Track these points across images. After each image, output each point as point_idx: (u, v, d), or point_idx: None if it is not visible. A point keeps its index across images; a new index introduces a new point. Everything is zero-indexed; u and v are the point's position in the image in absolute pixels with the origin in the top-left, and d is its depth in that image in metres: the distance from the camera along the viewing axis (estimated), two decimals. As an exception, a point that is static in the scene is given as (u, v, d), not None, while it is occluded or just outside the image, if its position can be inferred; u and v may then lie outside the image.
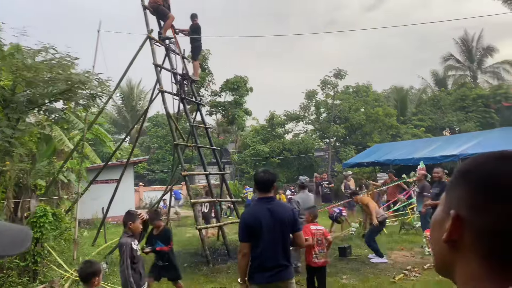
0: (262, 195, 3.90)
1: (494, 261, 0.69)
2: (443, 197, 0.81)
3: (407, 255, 9.08)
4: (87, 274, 3.47)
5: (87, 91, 8.60)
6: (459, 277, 0.75)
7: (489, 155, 0.75)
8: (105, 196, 12.98)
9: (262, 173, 3.92)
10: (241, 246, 3.85)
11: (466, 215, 0.72)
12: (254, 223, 3.74)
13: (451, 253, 0.75)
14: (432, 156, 16.25)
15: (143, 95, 38.82)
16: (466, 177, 0.75)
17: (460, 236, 0.72)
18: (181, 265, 9.03)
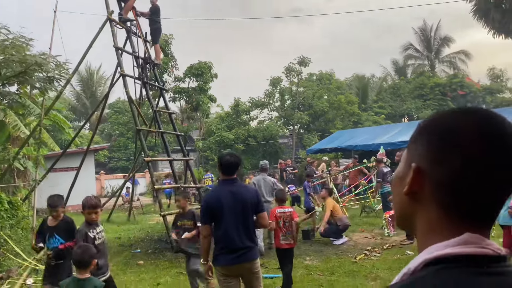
0: (225, 178, 3.90)
1: (451, 210, 0.73)
2: (404, 153, 0.84)
3: (367, 236, 9.39)
4: (90, 257, 3.46)
5: (43, 74, 8.25)
6: (419, 227, 0.78)
7: (448, 112, 0.79)
8: (64, 184, 12.59)
9: (227, 156, 3.93)
10: (201, 228, 3.89)
11: (426, 167, 0.75)
12: (216, 204, 3.75)
13: (412, 205, 0.78)
14: (391, 142, 16.77)
15: (103, 81, 37.63)
16: (426, 131, 0.78)
17: (420, 188, 0.76)
18: (145, 251, 8.97)
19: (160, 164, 29.75)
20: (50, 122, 14.49)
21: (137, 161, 13.69)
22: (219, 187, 3.98)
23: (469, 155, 0.70)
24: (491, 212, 0.74)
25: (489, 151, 0.70)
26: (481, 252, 0.69)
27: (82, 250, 3.46)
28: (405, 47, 37.39)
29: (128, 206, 15.01)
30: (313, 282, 6.14)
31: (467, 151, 0.70)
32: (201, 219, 3.88)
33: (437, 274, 0.68)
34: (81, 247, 3.56)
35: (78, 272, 3.43)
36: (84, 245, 3.68)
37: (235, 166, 3.90)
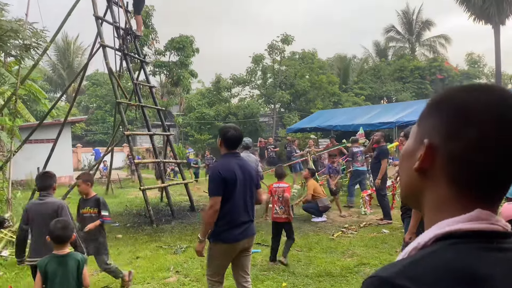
0: (230, 151, 3.73)
1: (462, 186, 0.74)
2: (414, 128, 0.84)
3: (345, 214, 9.58)
4: (69, 233, 3.35)
5: (19, 41, 7.91)
6: (427, 203, 0.79)
7: (461, 87, 0.78)
8: (40, 156, 12.34)
9: (233, 130, 3.72)
10: (212, 200, 3.52)
11: (439, 142, 0.75)
12: (230, 176, 3.53)
13: (421, 181, 0.79)
14: (371, 123, 17.03)
15: (80, 51, 36.60)
16: (439, 107, 0.78)
17: (431, 164, 0.76)
18: (124, 225, 8.94)
19: (139, 139, 29.41)
20: (26, 92, 14.03)
21: (115, 135, 13.46)
22: (226, 160, 3.69)
23: (487, 129, 0.71)
24: (502, 189, 0.75)
25: (506, 126, 0.71)
26: (491, 228, 0.71)
27: (61, 225, 3.36)
28: (387, 29, 37.50)
29: (106, 180, 14.85)
30: (292, 258, 6.25)
31: (485, 124, 0.71)
32: (212, 190, 3.54)
33: (449, 249, 0.69)
34: (60, 222, 3.43)
35: (57, 248, 3.29)
36: (62, 219, 3.56)
37: (240, 140, 3.78)
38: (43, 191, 4.12)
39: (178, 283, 5.25)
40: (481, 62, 36.99)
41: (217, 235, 3.59)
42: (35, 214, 4.02)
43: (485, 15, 23.75)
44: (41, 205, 4.05)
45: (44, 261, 3.27)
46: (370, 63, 37.51)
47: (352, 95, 29.62)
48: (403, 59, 32.34)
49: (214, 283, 3.69)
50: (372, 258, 6.11)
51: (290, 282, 5.18)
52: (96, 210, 4.90)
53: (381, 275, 0.68)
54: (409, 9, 36.32)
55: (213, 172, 3.63)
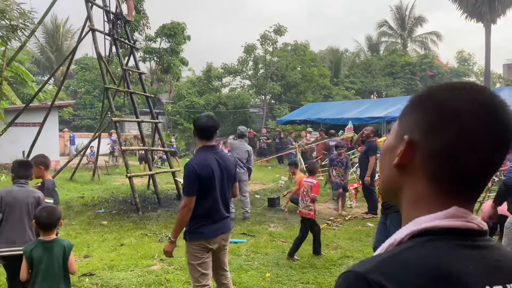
0: (206, 144, 3.50)
1: (440, 182, 0.74)
2: (395, 125, 0.84)
3: (330, 207, 9.66)
4: (56, 220, 3.29)
5: (6, 22, 7.76)
6: (406, 198, 0.79)
7: (442, 85, 0.79)
8: (26, 139, 12.17)
9: (205, 118, 3.53)
10: (187, 200, 3.35)
11: (419, 138, 0.75)
12: (206, 172, 3.34)
13: (400, 177, 0.79)
14: (360, 117, 17.12)
15: (70, 34, 35.92)
16: (421, 104, 0.78)
17: (410, 160, 0.76)
18: (109, 212, 8.89)
19: (127, 125, 29.18)
20: (12, 74, 13.81)
21: (103, 120, 13.32)
22: (203, 154, 3.47)
23: (466, 126, 0.71)
24: (479, 187, 0.76)
25: (485, 123, 0.71)
26: (466, 226, 0.72)
27: (48, 212, 3.34)
28: (380, 24, 37.51)
29: (93, 166, 14.73)
30: (277, 249, 6.30)
31: (466, 122, 0.71)
32: (187, 188, 3.36)
33: (424, 245, 0.69)
34: (46, 208, 3.41)
35: (43, 234, 3.27)
36: (50, 206, 3.53)
37: (214, 130, 3.51)
38: (23, 179, 3.98)
39: (162, 271, 5.25)
40: (471, 60, 37.32)
41: (194, 232, 3.41)
42: (14, 201, 3.85)
43: (477, 13, 23.90)
44: (22, 192, 3.90)
45: (30, 247, 3.25)
46: (362, 57, 37.56)
47: (343, 89, 29.68)
48: (394, 55, 32.45)
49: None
50: (356, 251, 6.18)
51: (274, 273, 5.21)
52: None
53: (356, 270, 0.68)
54: (402, 4, 36.37)
55: (188, 168, 3.37)
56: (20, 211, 3.84)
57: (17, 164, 4.09)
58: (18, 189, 3.93)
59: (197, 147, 3.60)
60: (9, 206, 3.84)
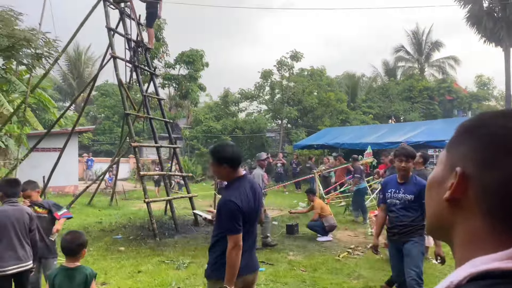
0: (237, 174, 3.19)
1: (499, 220, 0.67)
2: (443, 155, 0.78)
3: (351, 234, 9.42)
4: (78, 246, 3.23)
5: (32, 50, 7.98)
6: (458, 236, 0.72)
7: (494, 113, 0.73)
8: (46, 164, 12.33)
9: (229, 147, 3.22)
10: (234, 239, 2.95)
11: (472, 171, 0.69)
12: (248, 205, 3.05)
13: (451, 212, 0.72)
14: (378, 142, 16.91)
15: (91, 62, 36.94)
16: (472, 133, 0.72)
17: (463, 193, 0.70)
18: (127, 237, 8.84)
19: (145, 150, 29.46)
20: (35, 101, 14.16)
21: (122, 146, 13.46)
22: (239, 186, 3.14)
23: None
24: None
25: None
26: None
27: (72, 236, 3.30)
28: (397, 49, 37.55)
29: (111, 191, 14.81)
30: (296, 278, 6.11)
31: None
32: (231, 227, 2.97)
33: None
34: (71, 232, 3.39)
35: (66, 260, 3.23)
36: (74, 231, 3.51)
37: (242, 157, 3.32)
38: (12, 197, 4.03)
39: (179, 300, 5.12)
40: (490, 84, 36.84)
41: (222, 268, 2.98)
42: (6, 220, 3.85)
43: (495, 37, 23.73)
44: (15, 210, 3.94)
45: (53, 273, 3.25)
46: (379, 82, 37.49)
47: (360, 113, 29.54)
48: (412, 79, 32.25)
49: None
50: (379, 281, 5.95)
51: (294, 304, 5.04)
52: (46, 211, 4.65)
53: None
54: (419, 29, 36.43)
55: (228, 205, 3.00)
56: (15, 229, 3.88)
57: (5, 183, 4.16)
58: (11, 208, 3.95)
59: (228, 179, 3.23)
60: (4, 225, 3.85)
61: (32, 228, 4.03)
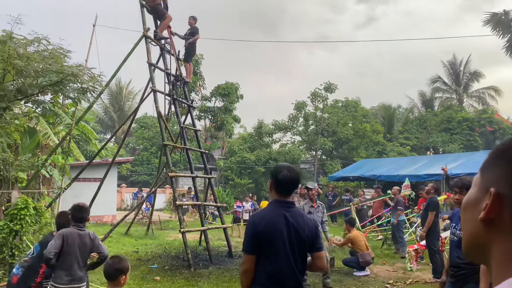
0: (280, 198, 2.96)
1: None
2: (477, 178, 0.80)
3: (389, 269, 9.09)
4: (115, 270, 3.24)
5: (78, 84, 8.44)
6: (496, 257, 0.73)
7: None
8: (86, 194, 12.73)
9: (286, 170, 2.93)
10: (244, 258, 2.88)
11: (506, 192, 0.71)
12: (268, 230, 2.80)
13: (486, 232, 0.74)
14: (417, 174, 16.47)
15: (131, 96, 38.56)
16: (506, 156, 0.75)
17: (498, 214, 0.72)
18: (162, 267, 8.91)
19: (181, 181, 29.91)
20: (78, 132, 14.82)
21: (159, 176, 13.77)
22: (271, 209, 2.97)
23: None
24: None
25: None
26: None
27: (112, 261, 3.33)
28: (433, 79, 37.03)
29: (147, 221, 15.04)
30: (333, 313, 5.93)
31: None
32: (245, 245, 2.87)
33: None
34: (112, 258, 3.41)
35: (108, 285, 3.30)
36: (116, 256, 3.54)
37: (295, 185, 2.99)
38: (80, 222, 4.30)
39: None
40: (534, 115, 35.40)
41: None
42: (74, 242, 4.17)
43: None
44: (79, 234, 4.24)
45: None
46: (416, 113, 36.86)
47: (397, 145, 29.00)
48: (450, 110, 31.51)
49: None
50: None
51: None
52: None
53: None
54: (456, 60, 35.88)
55: (249, 222, 2.96)
56: (75, 252, 4.17)
57: (75, 209, 4.40)
58: (77, 232, 4.24)
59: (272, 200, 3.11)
60: (70, 245, 4.14)
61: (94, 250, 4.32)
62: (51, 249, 4.04)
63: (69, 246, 4.13)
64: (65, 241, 4.14)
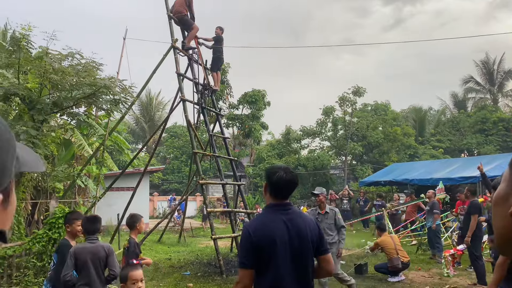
0: (276, 201, 2.70)
1: None
2: (506, 173, 0.80)
3: (424, 275, 8.85)
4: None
5: (110, 96, 8.73)
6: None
7: None
8: (120, 203, 13.03)
9: (282, 171, 2.69)
10: (240, 272, 2.57)
11: None
12: (265, 239, 2.53)
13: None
14: (451, 177, 16.02)
15: (161, 106, 39.33)
16: None
17: None
18: (195, 274, 9.00)
19: (211, 188, 30.21)
20: (111, 143, 15.25)
21: (190, 184, 13.96)
22: (266, 215, 2.71)
23: None
24: None
25: None
26: None
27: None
28: (465, 80, 36.04)
29: (179, 228, 15.25)
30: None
31: None
32: (240, 258, 2.63)
33: None
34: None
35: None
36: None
37: (292, 187, 2.70)
38: (92, 234, 4.19)
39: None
40: None
41: None
42: (87, 257, 4.03)
43: None
44: (92, 247, 4.10)
45: None
46: (448, 115, 35.92)
47: (430, 148, 28.29)
48: (484, 111, 30.51)
49: None
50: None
51: None
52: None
53: None
54: (489, 58, 34.81)
55: (243, 233, 2.65)
56: (94, 266, 4.03)
57: (87, 220, 4.32)
58: (90, 245, 4.12)
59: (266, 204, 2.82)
60: (84, 261, 4.01)
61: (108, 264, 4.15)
62: (66, 271, 3.96)
63: (82, 262, 4.01)
64: (77, 258, 4.00)
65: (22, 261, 6.96)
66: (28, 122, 7.68)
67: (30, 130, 7.42)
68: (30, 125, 7.58)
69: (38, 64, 7.83)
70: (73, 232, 4.48)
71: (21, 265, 6.92)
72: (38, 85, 8.22)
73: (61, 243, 4.61)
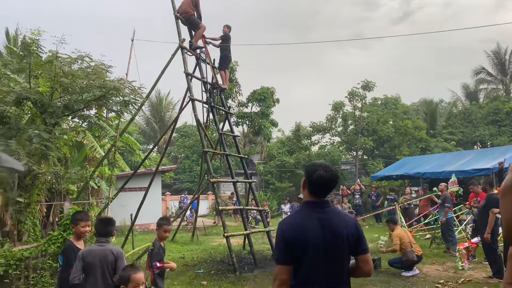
0: (313, 199, 2.67)
1: None
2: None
3: (439, 269, 8.79)
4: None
5: (120, 98, 8.80)
6: None
7: None
8: (132, 203, 13.14)
9: (322, 170, 2.62)
10: (277, 269, 2.54)
11: None
12: (297, 236, 2.51)
13: None
14: (464, 170, 15.85)
15: (171, 106, 39.55)
16: None
17: None
18: (208, 272, 9.06)
19: (222, 186, 30.30)
20: (123, 144, 15.39)
21: (201, 183, 14.03)
22: (301, 213, 2.68)
23: None
24: None
25: None
26: None
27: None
28: (477, 71, 35.59)
29: (191, 227, 15.35)
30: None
31: None
32: (276, 255, 2.61)
33: None
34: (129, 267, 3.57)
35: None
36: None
37: (331, 185, 2.65)
38: (104, 237, 4.03)
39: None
40: None
41: None
42: (94, 260, 3.89)
43: None
44: (100, 250, 3.95)
45: None
46: (459, 107, 35.50)
47: (442, 141, 28.01)
48: (497, 101, 30.08)
49: None
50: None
51: None
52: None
53: None
54: (500, 49, 34.30)
55: (278, 230, 2.62)
56: (101, 269, 3.88)
57: (99, 222, 4.21)
58: (98, 248, 3.97)
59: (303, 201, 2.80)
60: (91, 265, 3.87)
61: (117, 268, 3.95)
62: (74, 274, 3.86)
63: (90, 265, 3.87)
64: (85, 261, 3.88)
65: (38, 262, 7.08)
66: (41, 126, 7.79)
67: (43, 134, 7.53)
68: (42, 129, 7.69)
69: (48, 68, 7.94)
70: (78, 233, 4.39)
71: (37, 267, 7.04)
72: (49, 89, 8.33)
73: (66, 244, 4.53)
